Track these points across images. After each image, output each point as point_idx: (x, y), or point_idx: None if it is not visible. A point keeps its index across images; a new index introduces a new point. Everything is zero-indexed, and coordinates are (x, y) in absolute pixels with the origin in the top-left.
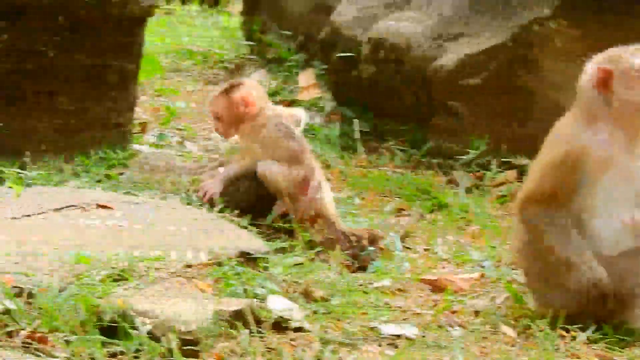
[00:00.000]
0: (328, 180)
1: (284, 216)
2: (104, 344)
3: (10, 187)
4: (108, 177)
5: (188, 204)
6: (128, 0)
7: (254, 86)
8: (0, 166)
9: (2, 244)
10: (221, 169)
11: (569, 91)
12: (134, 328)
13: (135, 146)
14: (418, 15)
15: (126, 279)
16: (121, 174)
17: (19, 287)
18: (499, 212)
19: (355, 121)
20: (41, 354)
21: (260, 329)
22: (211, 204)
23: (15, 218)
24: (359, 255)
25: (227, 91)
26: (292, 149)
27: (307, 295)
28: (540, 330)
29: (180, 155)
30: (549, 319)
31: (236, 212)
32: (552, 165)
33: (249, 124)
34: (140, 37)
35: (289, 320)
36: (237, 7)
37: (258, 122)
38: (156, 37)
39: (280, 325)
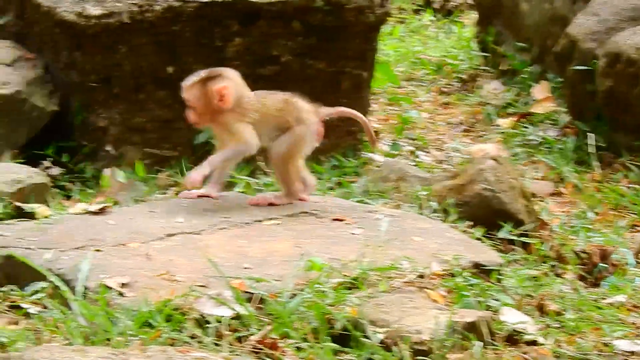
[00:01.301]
0: (561, 194)
1: (518, 227)
2: (335, 352)
3: (241, 192)
4: (340, 184)
5: (420, 213)
6: (363, 7)
7: (233, 77)
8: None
9: (234, 249)
10: None
11: None
12: (366, 337)
13: (368, 154)
14: None
15: (358, 288)
16: (354, 181)
17: (250, 292)
18: None
19: (590, 135)
20: None
21: (493, 342)
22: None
23: (247, 223)
24: (592, 270)
25: (204, 81)
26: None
27: (540, 309)
28: None
29: (413, 165)
30: None
31: (470, 223)
32: None
33: (226, 115)
34: (374, 45)
35: (523, 333)
36: (472, 17)
37: (237, 111)
38: (389, 45)
39: (513, 339)
